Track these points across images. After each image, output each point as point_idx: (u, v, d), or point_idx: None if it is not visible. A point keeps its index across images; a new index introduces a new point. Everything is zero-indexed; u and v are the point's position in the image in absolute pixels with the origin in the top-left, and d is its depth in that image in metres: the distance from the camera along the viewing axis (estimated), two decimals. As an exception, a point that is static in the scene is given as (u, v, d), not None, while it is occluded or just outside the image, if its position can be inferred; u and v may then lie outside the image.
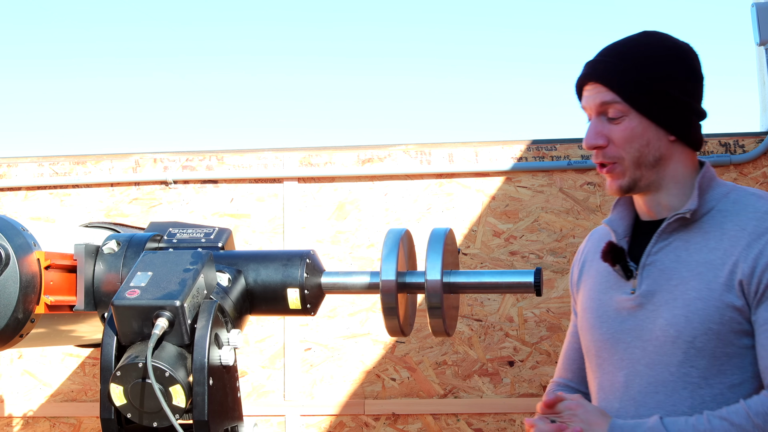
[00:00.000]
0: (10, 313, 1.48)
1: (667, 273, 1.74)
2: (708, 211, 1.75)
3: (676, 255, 1.75)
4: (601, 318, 1.82)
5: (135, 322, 1.35)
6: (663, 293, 1.73)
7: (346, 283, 1.58)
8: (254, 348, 3.21)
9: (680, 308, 1.70)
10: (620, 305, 1.79)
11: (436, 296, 1.47)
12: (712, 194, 1.76)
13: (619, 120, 1.72)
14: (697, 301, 1.68)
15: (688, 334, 1.68)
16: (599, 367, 1.83)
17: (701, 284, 1.69)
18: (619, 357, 1.78)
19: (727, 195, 1.76)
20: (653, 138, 1.73)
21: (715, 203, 1.76)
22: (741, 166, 3.06)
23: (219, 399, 1.38)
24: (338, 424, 3.16)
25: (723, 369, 1.68)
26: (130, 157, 3.36)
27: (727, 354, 1.68)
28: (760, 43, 3.14)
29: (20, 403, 3.30)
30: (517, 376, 3.10)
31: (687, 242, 1.74)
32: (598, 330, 1.83)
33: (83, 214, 3.33)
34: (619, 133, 1.72)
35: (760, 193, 1.77)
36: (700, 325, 1.67)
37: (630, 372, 1.76)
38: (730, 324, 1.67)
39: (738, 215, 1.73)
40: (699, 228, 1.74)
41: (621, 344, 1.78)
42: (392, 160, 3.23)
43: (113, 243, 1.60)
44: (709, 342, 1.68)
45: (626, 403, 1.75)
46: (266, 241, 3.26)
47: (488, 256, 3.14)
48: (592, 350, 1.85)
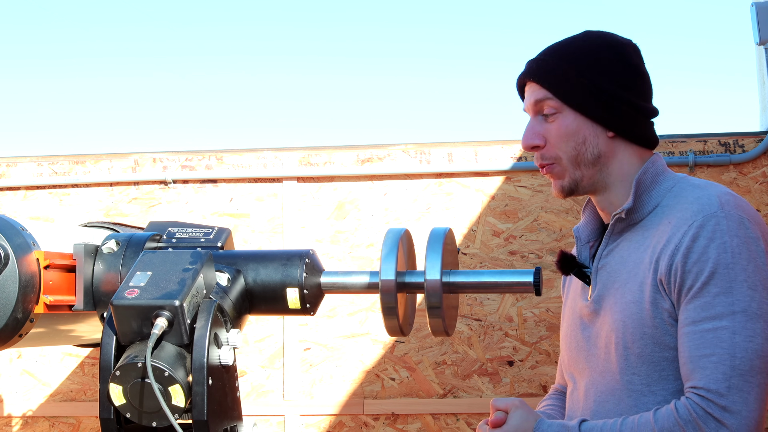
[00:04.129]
0: (10, 313, 1.48)
1: (613, 276, 1.68)
2: (653, 209, 1.67)
3: (621, 256, 1.68)
4: (570, 327, 1.78)
5: (134, 322, 1.35)
6: (608, 297, 1.67)
7: (345, 283, 1.58)
8: (253, 348, 3.21)
9: (619, 313, 1.63)
10: (581, 312, 1.74)
11: (436, 296, 1.47)
12: (657, 190, 1.68)
13: (553, 118, 1.67)
14: (632, 304, 1.61)
15: (626, 340, 1.60)
16: (570, 376, 1.80)
17: (635, 286, 1.62)
18: (582, 365, 1.74)
19: (671, 189, 1.67)
20: (590, 135, 1.67)
21: (660, 199, 1.67)
22: (741, 165, 3.07)
23: (218, 399, 1.38)
24: (338, 423, 3.16)
25: (665, 375, 1.60)
26: (129, 156, 3.36)
27: (666, 359, 1.59)
28: (759, 43, 3.14)
29: (19, 403, 3.29)
30: (517, 376, 3.09)
31: (630, 242, 1.67)
32: (566, 340, 1.79)
33: (82, 213, 3.33)
34: (554, 131, 1.67)
35: (704, 183, 1.66)
36: (636, 329, 1.59)
37: (588, 381, 1.71)
38: (662, 326, 1.58)
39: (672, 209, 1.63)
40: (642, 227, 1.67)
41: (582, 352, 1.73)
42: (392, 159, 3.23)
43: (112, 243, 1.60)
44: (646, 347, 1.59)
45: (585, 413, 1.71)
46: (266, 240, 3.26)
47: (488, 255, 3.14)
48: (565, 360, 1.82)
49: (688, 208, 1.59)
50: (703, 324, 1.52)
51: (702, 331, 1.52)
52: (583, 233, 1.79)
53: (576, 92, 1.66)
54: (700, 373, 1.50)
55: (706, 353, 1.51)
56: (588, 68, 1.67)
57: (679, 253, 1.55)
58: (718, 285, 1.52)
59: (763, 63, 3.16)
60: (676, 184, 1.68)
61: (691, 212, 1.57)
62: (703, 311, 1.52)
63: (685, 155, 3.08)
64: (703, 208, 1.56)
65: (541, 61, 1.70)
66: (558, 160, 1.69)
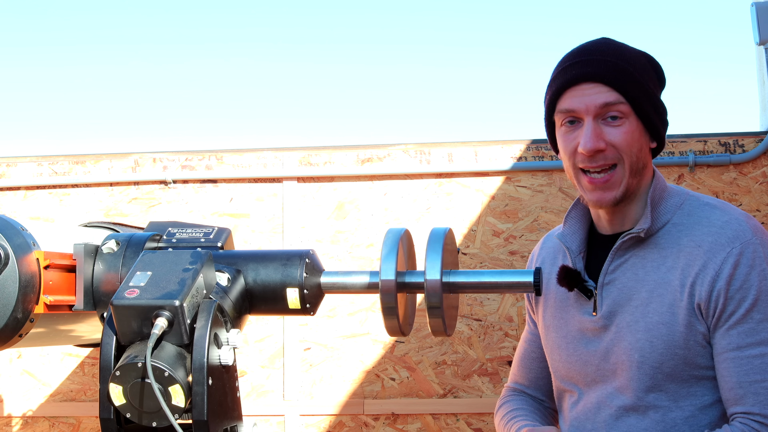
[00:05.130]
0: (10, 313, 1.48)
1: (626, 293, 1.67)
2: (663, 225, 1.66)
3: (633, 273, 1.67)
4: (567, 339, 1.76)
5: (134, 322, 1.35)
6: (624, 314, 1.66)
7: (345, 283, 1.57)
8: (254, 348, 3.21)
9: (642, 332, 1.63)
10: (584, 326, 1.73)
11: (436, 296, 1.47)
12: (665, 206, 1.68)
13: (620, 122, 1.63)
14: (661, 326, 1.61)
15: (654, 360, 1.61)
16: (571, 386, 1.78)
17: (663, 307, 1.62)
18: (590, 379, 1.73)
19: (681, 206, 1.68)
20: (644, 144, 1.67)
21: (669, 216, 1.67)
22: (741, 165, 3.07)
23: (218, 399, 1.38)
24: (338, 423, 3.16)
25: (693, 391, 1.62)
26: (129, 156, 3.36)
27: (695, 377, 1.62)
28: (759, 43, 3.14)
29: (19, 403, 3.29)
30: (517, 376, 3.10)
31: (643, 259, 1.66)
32: (565, 351, 1.77)
33: (82, 213, 3.33)
34: (620, 135, 1.62)
35: (714, 202, 1.69)
36: (666, 350, 1.61)
37: (601, 394, 1.70)
38: (695, 348, 1.60)
39: (693, 229, 1.64)
40: (655, 244, 1.66)
41: (590, 366, 1.72)
42: (392, 159, 3.23)
43: (112, 243, 1.60)
44: (677, 366, 1.61)
45: (599, 425, 1.70)
46: (266, 240, 3.26)
47: (488, 255, 3.14)
48: (561, 371, 1.80)
49: (721, 234, 1.61)
50: (749, 350, 1.56)
51: (749, 357, 1.56)
52: (572, 243, 1.76)
53: (643, 99, 1.64)
54: (753, 399, 1.55)
55: (757, 379, 1.56)
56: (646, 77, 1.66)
57: (721, 280, 1.58)
58: (762, 311, 1.57)
59: (763, 63, 3.16)
60: (685, 201, 1.69)
61: (726, 238, 1.60)
62: (748, 337, 1.57)
63: (685, 155, 3.08)
64: (737, 235, 1.60)
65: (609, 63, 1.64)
66: (620, 165, 1.64)
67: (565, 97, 1.66)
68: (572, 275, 1.71)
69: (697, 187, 3.07)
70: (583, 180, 1.67)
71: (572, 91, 1.64)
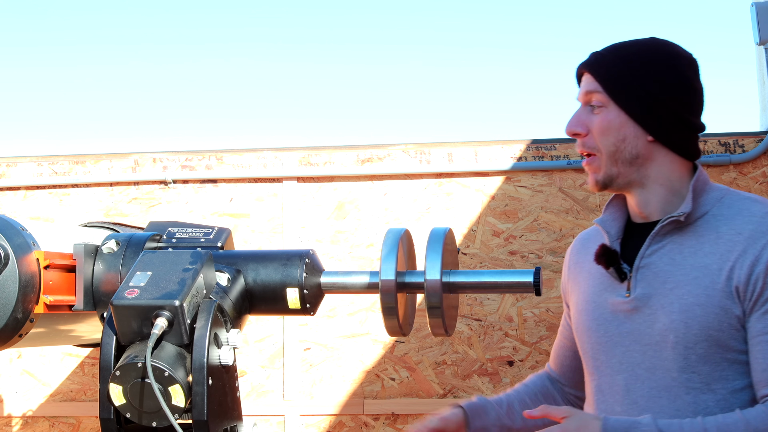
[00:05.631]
0: (10, 313, 1.48)
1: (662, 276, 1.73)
2: (702, 215, 1.73)
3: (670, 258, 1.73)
4: (597, 321, 1.81)
5: (134, 322, 1.35)
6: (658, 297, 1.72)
7: (345, 283, 1.58)
8: (253, 348, 3.21)
9: (677, 313, 1.68)
10: (616, 308, 1.78)
11: (436, 296, 1.47)
12: (706, 198, 1.75)
13: (599, 110, 1.74)
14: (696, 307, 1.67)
15: (688, 341, 1.67)
16: (597, 370, 1.82)
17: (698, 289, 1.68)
18: (617, 360, 1.77)
19: (721, 199, 1.75)
20: (630, 134, 1.73)
21: (709, 207, 1.74)
22: (741, 165, 3.06)
23: (218, 399, 1.38)
24: (338, 423, 3.16)
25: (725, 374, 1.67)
26: (129, 156, 3.36)
27: (728, 360, 1.67)
28: (759, 43, 3.13)
29: (19, 403, 3.29)
30: (517, 376, 3.09)
31: (681, 245, 1.73)
32: (594, 333, 1.82)
33: (82, 213, 3.33)
34: (597, 123, 1.74)
35: (755, 197, 1.76)
36: (700, 331, 1.66)
37: (630, 376, 1.75)
38: (729, 331, 1.66)
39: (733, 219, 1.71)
40: (693, 231, 1.73)
41: (619, 347, 1.77)
42: (392, 159, 3.23)
43: (112, 243, 1.60)
44: (710, 348, 1.66)
45: (628, 407, 1.74)
46: (265, 240, 3.26)
47: (488, 255, 3.14)
48: (588, 353, 1.84)
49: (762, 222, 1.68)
50: None
51: None
52: (611, 228, 1.83)
53: (624, 91, 1.72)
54: None
55: None
56: (641, 71, 1.73)
57: (761, 265, 1.64)
58: None
59: (763, 63, 3.16)
60: (726, 195, 1.76)
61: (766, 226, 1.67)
62: None
63: (685, 155, 3.08)
64: None
65: (600, 55, 1.77)
66: (598, 152, 1.75)
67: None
68: (610, 254, 1.77)
69: (697, 187, 3.07)
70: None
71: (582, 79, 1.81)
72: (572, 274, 1.93)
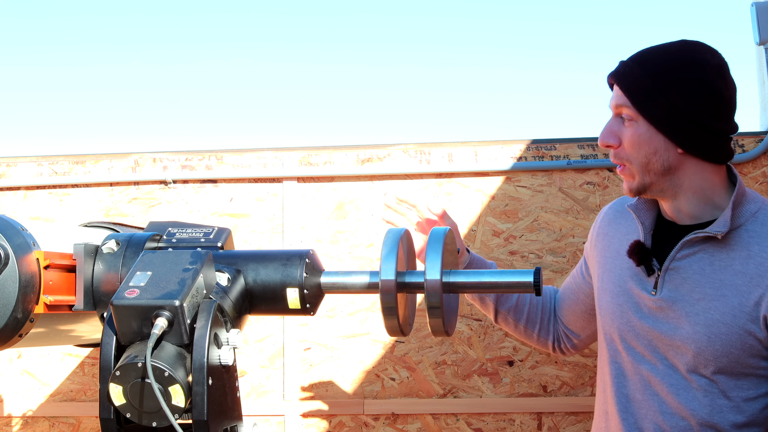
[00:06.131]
0: (10, 313, 1.48)
1: (690, 284, 1.77)
2: (736, 228, 1.76)
3: (700, 267, 1.77)
4: (622, 307, 1.88)
5: (134, 322, 1.35)
6: (684, 304, 1.77)
7: (345, 283, 1.57)
8: (253, 348, 3.21)
9: (702, 326, 1.74)
10: (641, 300, 1.84)
11: (436, 296, 1.47)
12: (741, 211, 1.77)
13: (630, 123, 1.77)
14: (721, 324, 1.72)
15: (709, 354, 1.73)
16: (617, 354, 1.90)
17: (725, 308, 1.72)
18: (640, 351, 1.84)
19: (755, 214, 1.78)
20: (661, 147, 1.76)
21: (743, 221, 1.77)
22: (741, 165, 3.06)
23: (218, 399, 1.38)
24: (338, 423, 3.16)
25: (739, 384, 1.74)
26: (129, 156, 3.36)
27: (743, 373, 1.74)
28: (759, 43, 3.13)
29: (19, 403, 3.29)
30: (517, 376, 3.10)
31: (712, 256, 1.76)
32: (619, 318, 1.88)
33: (82, 213, 3.33)
34: (627, 136, 1.77)
35: None
36: (722, 348, 1.72)
37: (652, 368, 1.82)
38: (750, 350, 1.72)
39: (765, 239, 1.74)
40: (725, 245, 1.76)
41: (642, 339, 1.83)
42: (392, 159, 3.23)
43: (112, 242, 1.60)
44: (730, 363, 1.73)
45: (649, 397, 1.82)
46: (265, 240, 3.26)
47: (488, 255, 3.14)
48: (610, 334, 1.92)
49: None
50: None
51: None
52: (646, 219, 1.88)
53: (653, 106, 1.75)
54: None
55: None
56: (667, 86, 1.75)
57: None
58: None
59: (763, 63, 3.16)
60: (760, 209, 1.79)
61: None
62: None
63: (685, 155, 3.08)
64: None
65: (628, 67, 1.79)
66: (629, 163, 1.80)
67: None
68: (644, 252, 1.83)
69: (697, 187, 3.07)
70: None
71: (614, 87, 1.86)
72: (599, 244, 2.00)
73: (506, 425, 3.08)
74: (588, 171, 3.13)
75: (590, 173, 3.14)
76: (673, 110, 1.74)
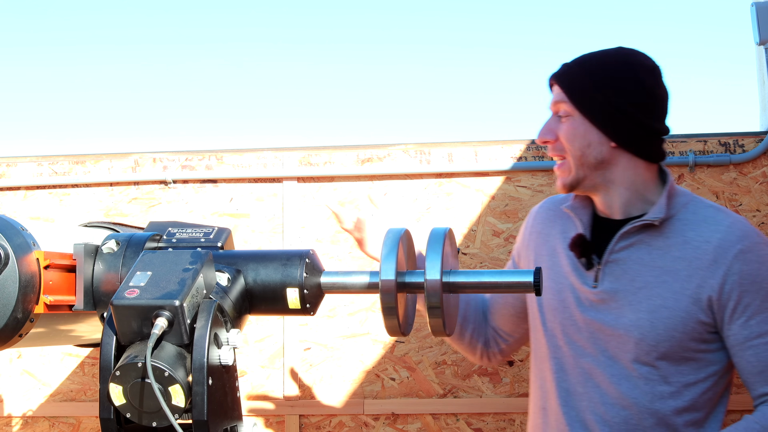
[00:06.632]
0: (10, 313, 1.48)
1: (630, 274, 1.83)
2: (669, 218, 1.85)
3: (638, 257, 1.84)
4: (564, 302, 1.92)
5: (134, 322, 1.35)
6: (626, 293, 1.83)
7: (345, 283, 1.57)
8: (253, 348, 3.21)
9: (645, 312, 1.80)
10: (582, 295, 1.89)
11: (436, 296, 1.47)
12: (673, 202, 1.87)
13: (566, 119, 1.86)
14: (664, 309, 1.78)
15: (652, 339, 1.78)
16: (558, 350, 1.94)
17: (668, 293, 1.79)
18: (581, 344, 1.88)
19: (686, 205, 1.87)
20: (595, 141, 1.85)
21: (675, 211, 1.86)
22: (741, 165, 3.07)
23: (218, 399, 1.38)
24: (338, 423, 3.16)
25: (680, 369, 1.80)
26: (129, 156, 3.36)
27: (684, 357, 1.79)
28: (759, 43, 3.13)
29: (19, 403, 3.29)
30: (517, 376, 3.10)
31: (649, 245, 1.84)
32: (560, 313, 1.93)
33: (82, 213, 3.33)
34: (563, 130, 1.87)
35: (717, 206, 1.88)
36: (665, 332, 1.78)
37: (593, 360, 1.86)
38: (691, 333, 1.78)
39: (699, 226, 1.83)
40: (660, 233, 1.84)
41: (583, 333, 1.88)
42: (392, 159, 3.23)
43: (112, 242, 1.60)
44: (672, 347, 1.78)
45: (590, 389, 1.86)
46: (266, 240, 3.26)
47: (488, 255, 3.14)
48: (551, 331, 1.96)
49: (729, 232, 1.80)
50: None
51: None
52: (583, 217, 1.94)
53: (588, 102, 1.85)
54: None
55: None
56: (603, 83, 1.86)
57: (734, 275, 1.76)
58: None
59: (763, 63, 3.16)
60: (690, 201, 1.88)
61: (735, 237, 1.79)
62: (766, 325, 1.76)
63: (685, 155, 3.08)
64: (746, 234, 1.80)
65: (568, 68, 1.90)
66: (566, 156, 1.88)
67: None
68: (585, 244, 1.89)
69: (697, 187, 3.06)
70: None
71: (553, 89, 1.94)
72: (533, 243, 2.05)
73: (506, 425, 3.08)
74: (588, 171, 3.13)
75: (590, 173, 3.14)
76: (606, 104, 1.83)
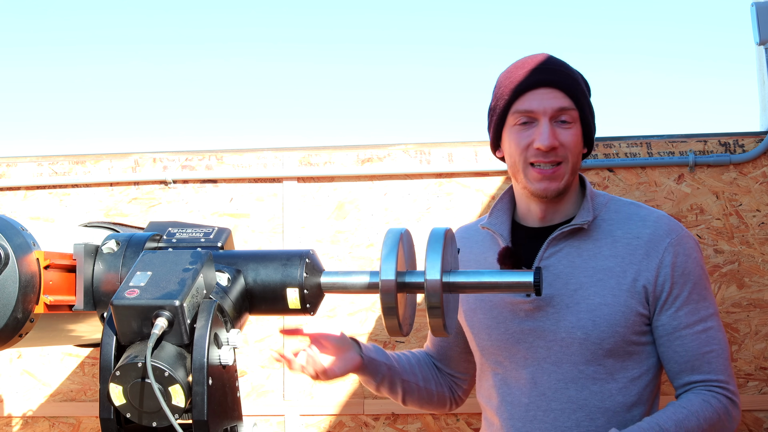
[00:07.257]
0: (10, 313, 1.48)
1: (563, 278, 1.84)
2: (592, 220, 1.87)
3: (569, 261, 1.86)
4: (497, 319, 1.91)
5: (134, 322, 1.35)
6: (563, 297, 1.84)
7: (345, 283, 1.57)
8: (253, 348, 3.21)
9: (585, 312, 1.81)
10: (515, 307, 1.88)
11: (436, 296, 1.47)
12: (594, 203, 1.90)
13: (569, 126, 1.85)
14: (603, 306, 1.80)
15: (596, 337, 1.80)
16: (499, 365, 1.92)
17: (604, 290, 1.81)
18: (521, 356, 1.87)
19: (606, 205, 1.91)
20: (581, 148, 1.90)
21: (597, 212, 1.89)
22: (741, 165, 3.07)
23: (218, 399, 1.38)
24: (338, 423, 3.16)
25: (625, 365, 1.82)
26: (129, 156, 3.36)
27: (628, 352, 1.82)
28: (759, 43, 3.13)
29: (20, 403, 3.29)
30: (517, 376, 3.09)
31: (579, 249, 1.86)
32: (495, 330, 1.91)
33: (82, 213, 3.33)
34: (569, 137, 1.85)
35: (635, 202, 1.94)
36: (608, 328, 1.80)
37: (536, 369, 1.86)
38: (633, 327, 1.81)
39: (626, 224, 1.87)
40: (587, 235, 1.87)
41: (522, 344, 1.87)
42: (392, 159, 3.23)
43: (112, 243, 1.60)
44: (616, 343, 1.80)
45: (536, 399, 1.85)
46: (266, 240, 3.26)
47: (488, 255, 3.14)
48: (489, 349, 1.94)
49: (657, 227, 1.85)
50: (696, 326, 1.81)
51: (697, 333, 1.81)
52: (503, 231, 1.94)
53: (587, 109, 1.89)
54: (708, 367, 1.81)
55: (707, 350, 1.81)
56: (587, 90, 1.92)
57: (666, 267, 1.81)
58: (699, 293, 1.83)
59: (763, 63, 3.16)
60: (609, 200, 1.93)
61: (663, 231, 1.85)
62: (693, 316, 1.81)
63: (685, 155, 3.08)
64: (672, 228, 1.86)
65: (562, 73, 1.87)
66: (565, 162, 1.86)
67: (523, 99, 1.86)
68: (515, 256, 1.89)
69: (697, 187, 3.06)
70: (531, 172, 1.86)
71: (531, 94, 1.85)
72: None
73: (506, 425, 3.08)
74: (587, 171, 3.13)
75: (590, 173, 3.13)
76: (592, 113, 1.91)
